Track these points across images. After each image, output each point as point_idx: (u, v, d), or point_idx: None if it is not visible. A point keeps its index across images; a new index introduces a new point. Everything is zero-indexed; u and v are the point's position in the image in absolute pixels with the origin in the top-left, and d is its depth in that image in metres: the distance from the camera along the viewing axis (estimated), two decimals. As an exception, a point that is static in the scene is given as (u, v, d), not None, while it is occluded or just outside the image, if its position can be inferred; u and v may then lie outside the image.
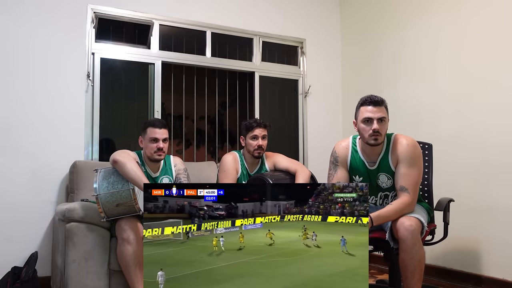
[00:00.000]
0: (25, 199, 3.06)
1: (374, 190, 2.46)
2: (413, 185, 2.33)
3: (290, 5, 4.27)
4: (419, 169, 2.37)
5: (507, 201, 2.97)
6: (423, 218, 2.26)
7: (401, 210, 2.26)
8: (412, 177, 2.34)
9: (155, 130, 2.70)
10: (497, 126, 3.05)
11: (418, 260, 2.16)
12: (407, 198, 2.30)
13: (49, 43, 3.22)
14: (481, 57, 3.18)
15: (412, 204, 2.32)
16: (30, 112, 3.13)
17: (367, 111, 2.33)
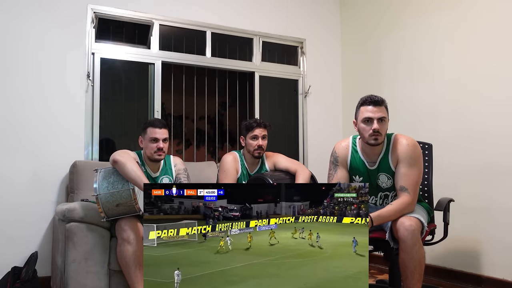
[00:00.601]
0: (25, 199, 3.06)
1: (374, 190, 2.45)
2: (413, 185, 2.33)
3: (290, 5, 4.27)
4: (419, 169, 2.37)
5: (507, 202, 2.97)
6: (423, 218, 2.26)
7: (401, 210, 2.26)
8: (412, 177, 2.33)
9: (155, 130, 2.70)
10: (497, 127, 3.05)
11: (418, 260, 2.16)
12: (407, 198, 2.30)
13: (49, 42, 3.22)
14: (481, 57, 3.18)
15: (412, 204, 2.32)
16: (30, 112, 3.13)
17: (367, 111, 2.33)
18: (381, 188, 2.45)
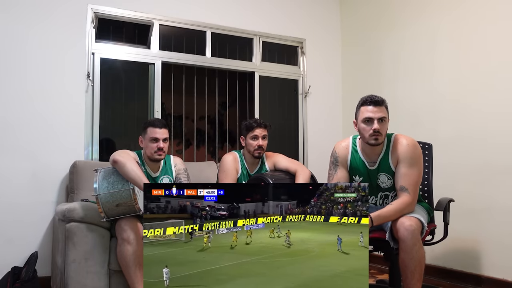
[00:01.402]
0: (25, 199, 3.06)
1: (374, 190, 2.45)
2: (413, 185, 2.33)
3: (290, 5, 4.27)
4: (419, 169, 2.37)
5: (507, 202, 2.97)
6: (423, 218, 2.26)
7: (401, 210, 2.26)
8: (412, 177, 2.33)
9: (155, 130, 2.70)
10: (497, 127, 3.05)
11: (418, 260, 2.16)
12: (407, 198, 2.30)
13: (49, 42, 3.22)
14: (481, 57, 3.18)
15: (412, 204, 2.32)
16: (30, 112, 3.13)
17: (368, 111, 2.33)
18: (381, 188, 2.45)
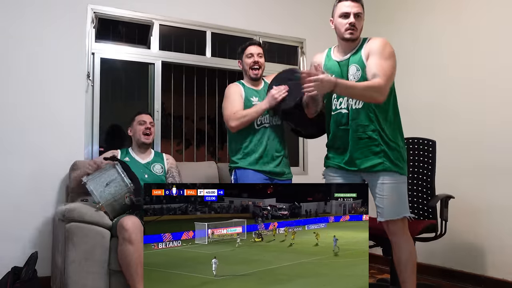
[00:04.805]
0: (25, 199, 3.06)
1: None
2: (386, 75, 2.16)
3: (290, 5, 4.27)
4: (393, 64, 2.24)
5: (507, 202, 2.97)
6: (407, 213, 2.21)
7: (369, 87, 2.13)
8: (385, 66, 2.19)
9: (142, 115, 3.02)
10: (497, 127, 3.05)
11: (409, 252, 2.18)
12: (378, 80, 2.14)
13: (49, 42, 3.21)
14: (481, 56, 3.18)
15: (382, 90, 2.15)
16: (29, 112, 3.13)
17: (345, 6, 2.33)
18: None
